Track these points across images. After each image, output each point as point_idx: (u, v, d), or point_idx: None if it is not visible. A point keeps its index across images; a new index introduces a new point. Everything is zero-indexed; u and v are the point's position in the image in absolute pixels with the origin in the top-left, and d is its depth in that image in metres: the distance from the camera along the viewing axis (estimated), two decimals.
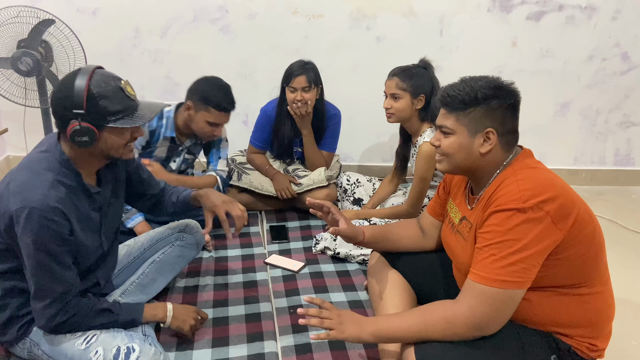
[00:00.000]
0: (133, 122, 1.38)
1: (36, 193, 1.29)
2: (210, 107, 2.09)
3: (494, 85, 1.25)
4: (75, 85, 1.31)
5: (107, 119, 1.34)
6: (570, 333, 1.25)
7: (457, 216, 1.41)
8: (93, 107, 1.32)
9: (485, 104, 1.24)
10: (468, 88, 1.25)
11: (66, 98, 1.32)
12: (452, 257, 1.45)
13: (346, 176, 2.57)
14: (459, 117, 1.27)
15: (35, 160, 1.38)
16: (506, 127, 1.27)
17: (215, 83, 2.14)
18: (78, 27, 2.61)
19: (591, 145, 3.19)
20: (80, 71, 1.34)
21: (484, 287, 1.17)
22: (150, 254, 1.82)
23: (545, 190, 1.16)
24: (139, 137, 1.65)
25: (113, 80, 1.36)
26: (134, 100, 1.40)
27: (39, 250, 1.30)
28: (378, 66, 2.91)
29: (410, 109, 2.10)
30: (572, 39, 2.94)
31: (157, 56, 2.91)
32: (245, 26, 2.88)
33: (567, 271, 1.21)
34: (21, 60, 2.45)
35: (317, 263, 2.16)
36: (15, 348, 1.51)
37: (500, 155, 1.28)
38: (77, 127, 1.32)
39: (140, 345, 1.38)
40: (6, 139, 3.03)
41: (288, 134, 2.57)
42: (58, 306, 1.36)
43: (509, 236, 1.15)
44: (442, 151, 1.32)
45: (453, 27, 2.89)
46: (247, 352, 1.61)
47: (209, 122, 2.11)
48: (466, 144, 1.28)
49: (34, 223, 1.28)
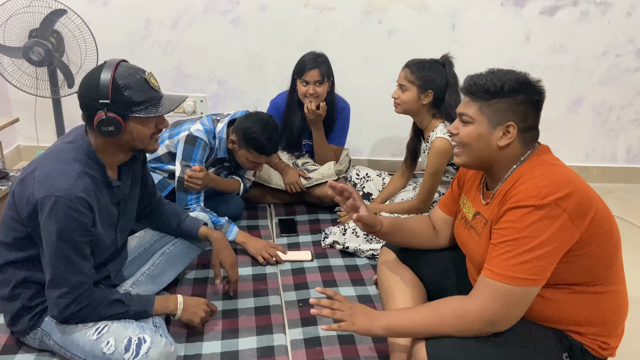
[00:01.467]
0: (157, 112, 1.41)
1: (63, 182, 1.31)
2: (252, 149, 2.07)
3: (521, 80, 1.25)
4: (101, 77, 1.35)
5: (132, 108, 1.38)
6: (582, 331, 1.25)
7: (471, 211, 1.40)
8: (118, 97, 1.35)
9: (511, 97, 1.23)
10: (495, 79, 1.24)
11: (92, 89, 1.35)
12: (465, 253, 1.44)
13: (356, 170, 2.56)
14: (482, 107, 1.26)
15: (62, 150, 1.40)
16: (527, 123, 1.26)
17: (260, 125, 2.06)
18: (89, 18, 2.61)
19: (603, 142, 3.16)
20: (105, 64, 1.38)
21: (497, 284, 1.16)
22: (160, 245, 1.82)
23: (563, 187, 1.15)
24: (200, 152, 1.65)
25: (137, 72, 1.40)
26: (158, 92, 1.44)
27: (62, 239, 1.31)
28: (389, 60, 2.91)
29: (416, 102, 2.08)
30: (586, 34, 2.90)
31: (167, 47, 2.90)
32: (255, 18, 2.86)
33: (583, 269, 1.20)
34: (33, 50, 2.45)
35: (326, 257, 2.16)
36: (27, 338, 1.52)
37: (517, 151, 1.27)
38: (104, 117, 1.35)
39: (152, 336, 1.39)
40: (17, 129, 3.05)
41: (297, 126, 2.56)
42: (72, 296, 1.37)
43: (525, 233, 1.14)
44: (460, 139, 1.31)
45: (465, 21, 2.87)
46: (257, 345, 1.62)
47: (249, 160, 2.12)
48: (485, 134, 1.27)
49: (60, 212, 1.29)
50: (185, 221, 1.81)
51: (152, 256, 1.79)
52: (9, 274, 1.45)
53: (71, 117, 2.88)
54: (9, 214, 1.42)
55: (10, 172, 2.22)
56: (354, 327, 1.29)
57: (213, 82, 3.01)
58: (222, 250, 1.78)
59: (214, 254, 1.78)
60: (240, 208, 2.38)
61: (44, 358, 1.53)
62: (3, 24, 2.47)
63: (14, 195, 1.39)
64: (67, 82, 2.62)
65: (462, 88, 1.32)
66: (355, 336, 1.66)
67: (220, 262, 1.78)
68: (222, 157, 2.22)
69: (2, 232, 1.44)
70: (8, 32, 2.49)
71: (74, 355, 1.43)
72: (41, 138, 3.03)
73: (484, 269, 1.21)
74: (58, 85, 2.64)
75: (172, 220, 1.80)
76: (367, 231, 1.55)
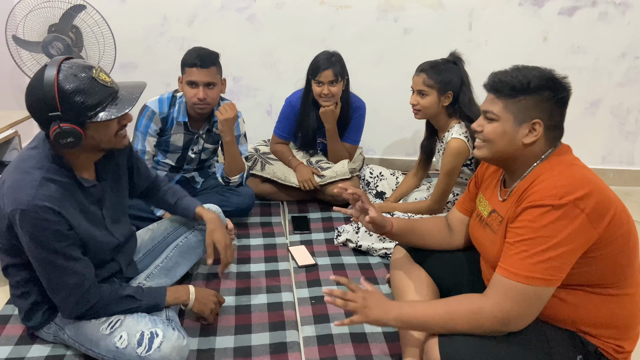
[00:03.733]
0: (116, 112, 1.29)
1: (25, 194, 1.26)
2: (185, 68, 2.07)
3: (547, 76, 1.23)
4: (44, 86, 1.21)
5: (88, 114, 1.26)
6: (597, 333, 1.24)
7: (487, 209, 1.39)
8: (68, 105, 1.23)
9: (537, 94, 1.22)
10: (521, 76, 1.23)
11: (38, 101, 1.23)
12: (480, 251, 1.43)
13: (369, 169, 2.55)
14: (507, 104, 1.24)
15: (24, 158, 1.33)
16: (553, 121, 1.24)
17: (191, 48, 2.13)
18: (107, 14, 2.63)
19: (620, 145, 3.12)
20: (46, 68, 1.24)
21: (512, 283, 1.15)
22: (173, 238, 1.83)
23: (582, 187, 1.14)
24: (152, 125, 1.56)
25: (83, 71, 1.25)
26: (112, 87, 1.31)
27: (41, 248, 1.30)
28: (404, 59, 2.89)
29: (437, 105, 2.07)
30: (605, 35, 2.86)
31: (183, 44, 2.92)
32: (271, 16, 2.87)
33: (599, 271, 1.19)
34: (52, 45, 2.49)
35: (338, 255, 2.16)
36: (41, 332, 1.54)
37: (541, 148, 1.26)
38: (58, 130, 1.24)
39: (164, 330, 1.40)
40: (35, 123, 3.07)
41: (312, 125, 2.56)
42: (76, 297, 1.37)
43: (542, 233, 1.13)
44: (484, 137, 1.29)
45: (482, 20, 2.85)
46: (269, 341, 1.62)
47: (187, 83, 2.06)
48: (510, 132, 1.25)
49: (28, 224, 1.27)
50: (183, 200, 1.77)
51: (165, 249, 1.80)
52: (16, 275, 1.47)
53: None
54: None
55: None
56: (367, 320, 1.28)
57: (228, 79, 2.97)
58: (216, 231, 1.70)
59: (208, 234, 1.71)
60: (252, 198, 2.37)
61: (60, 349, 1.55)
62: (23, 18, 2.51)
63: None
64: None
65: (485, 85, 1.30)
66: (368, 335, 1.66)
67: (214, 243, 1.71)
68: (183, 120, 2.16)
69: None
70: (28, 26, 2.53)
71: (87, 349, 1.45)
72: None
73: (498, 267, 1.20)
74: None
75: (169, 198, 1.77)
76: (377, 232, 1.56)
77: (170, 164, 2.30)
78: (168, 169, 2.32)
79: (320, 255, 2.16)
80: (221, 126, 2.12)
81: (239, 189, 2.34)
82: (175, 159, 2.29)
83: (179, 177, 2.36)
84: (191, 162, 2.34)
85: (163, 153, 2.26)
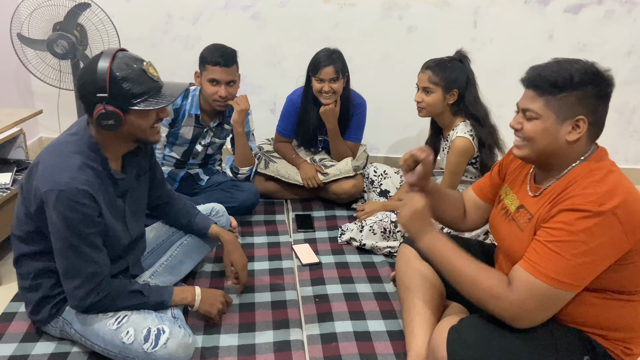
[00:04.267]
0: (157, 104, 1.37)
1: (64, 176, 1.30)
2: (207, 65, 2.10)
3: (592, 70, 1.16)
4: (98, 69, 1.31)
5: (132, 101, 1.34)
6: (607, 335, 1.23)
7: (515, 203, 1.35)
8: (116, 90, 1.32)
9: (581, 89, 1.15)
10: (563, 70, 1.16)
11: (90, 82, 1.32)
12: (500, 244, 1.40)
13: (373, 167, 2.55)
14: (549, 101, 1.17)
15: (64, 143, 1.39)
16: (597, 117, 1.18)
17: (211, 45, 2.16)
18: (112, 12, 2.63)
19: (626, 144, 3.10)
20: (102, 55, 1.34)
21: (538, 282, 1.13)
22: (178, 237, 1.84)
23: (620, 196, 1.11)
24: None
25: (135, 62, 1.35)
26: (158, 82, 1.40)
27: (69, 231, 1.32)
28: (408, 57, 2.88)
29: (441, 103, 2.06)
30: (611, 33, 2.84)
31: (187, 42, 2.92)
32: (275, 14, 2.86)
33: (624, 277, 1.17)
34: (57, 43, 2.49)
35: (342, 253, 2.16)
36: (48, 327, 1.55)
37: (583, 146, 1.21)
38: (103, 111, 1.32)
39: (170, 327, 1.41)
40: (40, 121, 3.09)
41: (313, 122, 2.55)
42: (89, 287, 1.38)
43: (577, 237, 1.11)
44: (525, 135, 1.23)
45: (487, 18, 2.83)
46: (273, 339, 1.62)
47: (209, 81, 2.11)
48: (552, 130, 1.19)
49: (63, 205, 1.29)
50: (196, 219, 1.80)
51: (170, 247, 1.81)
52: (28, 266, 1.48)
53: None
54: (20, 209, 1.43)
55: None
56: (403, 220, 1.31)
57: None
58: (234, 252, 1.78)
59: (225, 254, 1.78)
60: (257, 195, 2.38)
61: (65, 346, 1.55)
62: (28, 16, 2.51)
63: (22, 190, 1.41)
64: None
65: (524, 80, 1.23)
66: (372, 333, 1.66)
67: (232, 263, 1.78)
68: (195, 113, 2.21)
69: (16, 226, 1.46)
70: (33, 24, 2.53)
71: (94, 344, 1.45)
72: (63, 130, 3.05)
73: (526, 263, 1.17)
74: None
75: (182, 218, 1.80)
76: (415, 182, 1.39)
77: (175, 157, 2.31)
78: (173, 164, 2.33)
79: (324, 253, 2.16)
80: (237, 116, 2.18)
81: (244, 186, 2.34)
82: (182, 152, 2.30)
83: (183, 174, 2.36)
84: (197, 157, 2.34)
85: (170, 146, 2.27)
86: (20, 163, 2.23)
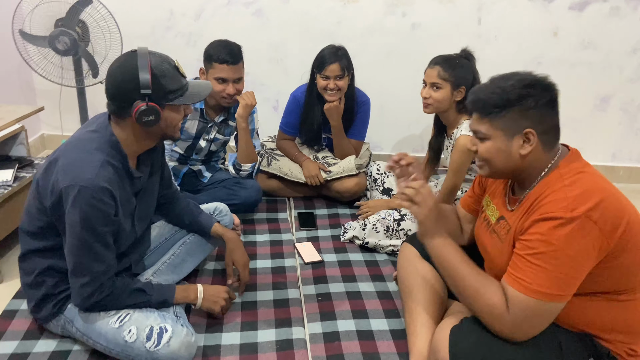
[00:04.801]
0: (189, 100, 1.42)
1: (87, 172, 1.31)
2: (214, 63, 2.09)
3: (525, 84, 1.18)
4: (139, 67, 1.33)
5: (168, 97, 1.38)
6: (609, 337, 1.22)
7: (495, 215, 1.36)
8: (157, 86, 1.35)
9: (519, 104, 1.17)
10: (499, 90, 1.19)
11: (131, 80, 1.33)
12: (484, 255, 1.41)
13: (376, 165, 2.54)
14: (492, 122, 1.21)
15: (85, 139, 1.39)
16: (545, 125, 1.20)
17: (216, 41, 2.15)
18: (114, 8, 2.62)
19: (631, 142, 3.08)
20: (137, 53, 1.36)
21: (527, 298, 1.13)
22: (180, 235, 1.83)
23: (593, 197, 1.10)
24: None
25: (167, 60, 1.40)
26: (186, 79, 1.45)
27: (85, 228, 1.32)
28: (412, 54, 2.87)
29: (449, 100, 2.04)
30: (616, 30, 2.82)
31: (190, 39, 2.91)
32: (278, 10, 2.85)
33: (613, 278, 1.16)
34: (59, 40, 2.48)
35: (345, 252, 2.15)
36: (50, 325, 1.55)
37: (542, 156, 1.22)
38: (144, 107, 1.33)
39: (173, 326, 1.40)
40: (41, 118, 3.09)
41: (317, 119, 2.54)
42: (95, 285, 1.37)
43: (555, 247, 1.10)
44: (480, 156, 1.27)
45: (492, 15, 2.81)
46: (276, 337, 1.62)
47: (216, 79, 2.10)
48: (504, 147, 1.22)
49: (83, 202, 1.29)
50: (199, 217, 1.80)
51: (172, 246, 1.80)
52: (33, 262, 1.47)
53: (94, 106, 2.91)
54: (33, 204, 1.42)
55: (35, 160, 2.25)
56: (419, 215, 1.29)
57: None
58: (236, 250, 1.77)
59: (227, 253, 1.77)
60: (260, 192, 2.37)
61: (66, 344, 1.55)
62: (30, 13, 2.51)
63: (38, 184, 1.40)
64: (92, 72, 2.64)
65: (467, 104, 1.27)
66: (375, 332, 1.65)
67: (233, 262, 1.77)
68: (200, 107, 2.21)
69: (26, 221, 1.45)
70: (35, 21, 2.53)
71: (96, 342, 1.45)
72: (65, 127, 3.06)
73: (511, 279, 1.17)
74: (83, 75, 2.67)
75: (185, 216, 1.79)
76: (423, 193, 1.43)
77: (179, 152, 2.30)
78: (176, 159, 2.32)
79: (326, 251, 2.15)
80: (242, 110, 2.17)
81: (247, 183, 2.33)
82: (185, 147, 2.29)
83: (186, 170, 2.35)
84: (200, 152, 2.34)
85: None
86: (22, 160, 2.22)
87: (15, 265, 1.55)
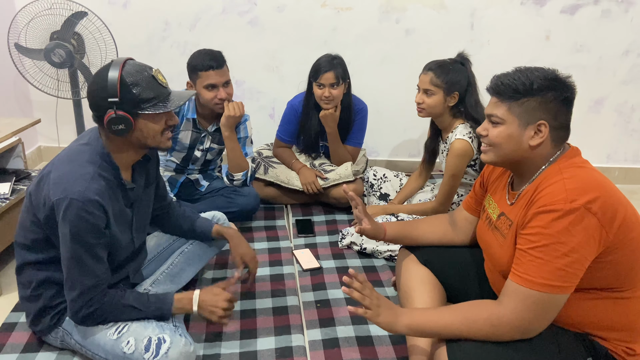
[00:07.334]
0: (166, 108, 1.40)
1: (77, 184, 1.31)
2: (199, 72, 2.11)
3: (551, 77, 1.22)
4: (109, 76, 1.34)
5: (141, 106, 1.37)
6: (607, 336, 1.22)
7: (496, 212, 1.38)
8: (127, 95, 1.34)
9: (541, 95, 1.21)
10: (524, 77, 1.22)
11: (101, 89, 1.35)
12: (487, 254, 1.42)
13: (373, 171, 2.55)
14: (511, 107, 1.23)
15: (77, 152, 1.40)
16: (559, 121, 1.23)
17: (196, 52, 2.17)
18: (109, 19, 2.64)
19: (625, 143, 3.10)
20: (112, 62, 1.38)
21: (529, 291, 1.14)
22: (178, 244, 1.83)
23: (592, 190, 1.13)
24: None
25: (144, 70, 1.39)
26: (166, 88, 1.43)
27: (75, 241, 1.32)
28: (406, 60, 2.89)
29: (442, 105, 2.06)
30: (608, 33, 2.85)
31: (185, 48, 2.92)
32: (273, 19, 2.87)
33: (609, 274, 1.17)
34: (54, 52, 2.49)
35: (343, 258, 2.16)
36: (49, 337, 1.54)
37: (549, 150, 1.25)
38: (113, 116, 1.34)
39: (171, 336, 1.39)
40: (38, 130, 3.09)
41: (315, 128, 2.55)
42: (84, 299, 1.37)
43: (556, 239, 1.11)
44: (490, 141, 1.28)
45: (485, 20, 2.83)
46: (275, 345, 1.62)
47: (205, 87, 2.12)
48: (516, 135, 1.24)
49: (73, 214, 1.29)
50: (197, 223, 1.80)
51: (170, 255, 1.80)
52: (30, 275, 1.47)
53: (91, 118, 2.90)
54: (26, 217, 1.43)
55: (32, 173, 2.25)
56: (378, 319, 1.27)
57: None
58: (240, 245, 1.77)
59: (233, 248, 1.76)
60: (257, 199, 2.38)
61: (65, 357, 1.55)
62: (25, 26, 2.52)
63: (31, 197, 1.41)
64: (88, 83, 2.65)
65: (488, 88, 1.29)
66: (374, 338, 1.66)
67: (241, 256, 1.76)
68: (192, 117, 2.22)
69: (21, 234, 1.46)
70: (30, 34, 2.53)
71: (94, 354, 1.45)
72: (62, 139, 3.07)
73: (513, 275, 1.19)
74: (79, 87, 2.68)
75: (183, 223, 1.79)
76: (372, 239, 1.60)
77: (175, 162, 2.31)
78: (173, 169, 2.33)
79: (325, 258, 2.15)
80: (225, 120, 2.17)
81: (244, 191, 2.34)
82: (181, 158, 2.30)
83: (183, 179, 2.36)
84: (196, 162, 2.34)
85: (169, 151, 2.28)
86: (19, 173, 2.22)
87: (14, 278, 1.55)
